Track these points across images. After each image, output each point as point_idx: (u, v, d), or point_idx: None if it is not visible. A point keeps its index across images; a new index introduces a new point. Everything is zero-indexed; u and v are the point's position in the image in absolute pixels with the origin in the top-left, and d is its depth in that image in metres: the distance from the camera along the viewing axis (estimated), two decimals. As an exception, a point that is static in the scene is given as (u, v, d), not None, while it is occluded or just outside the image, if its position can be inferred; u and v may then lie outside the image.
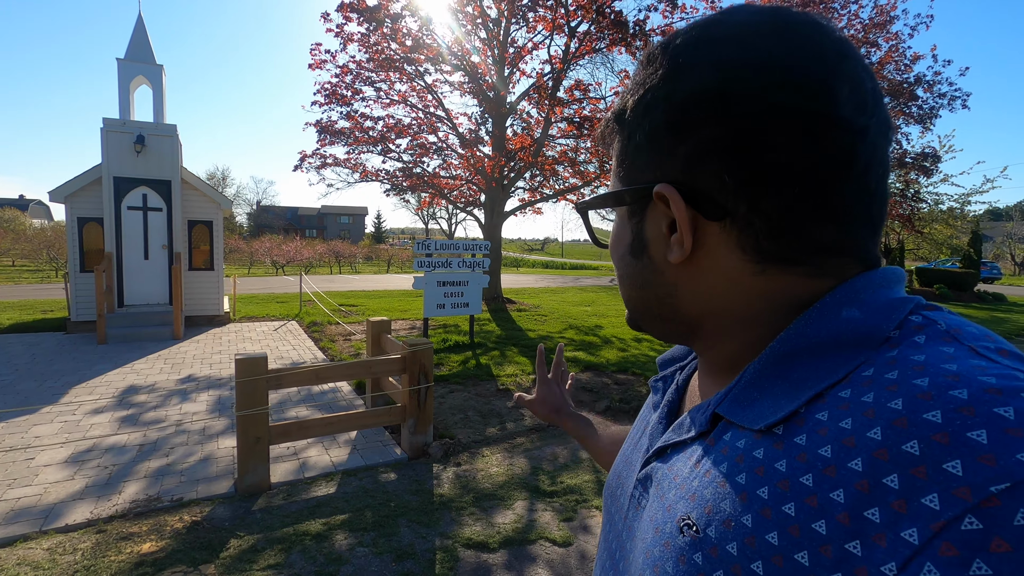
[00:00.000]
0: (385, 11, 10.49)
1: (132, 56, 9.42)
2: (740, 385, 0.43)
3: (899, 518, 0.28)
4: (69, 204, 8.96)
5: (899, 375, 0.33)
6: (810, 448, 0.34)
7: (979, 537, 0.25)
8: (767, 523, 0.34)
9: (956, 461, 0.27)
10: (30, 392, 5.66)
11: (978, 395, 0.29)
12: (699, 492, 0.41)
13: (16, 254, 26.93)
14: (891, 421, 0.30)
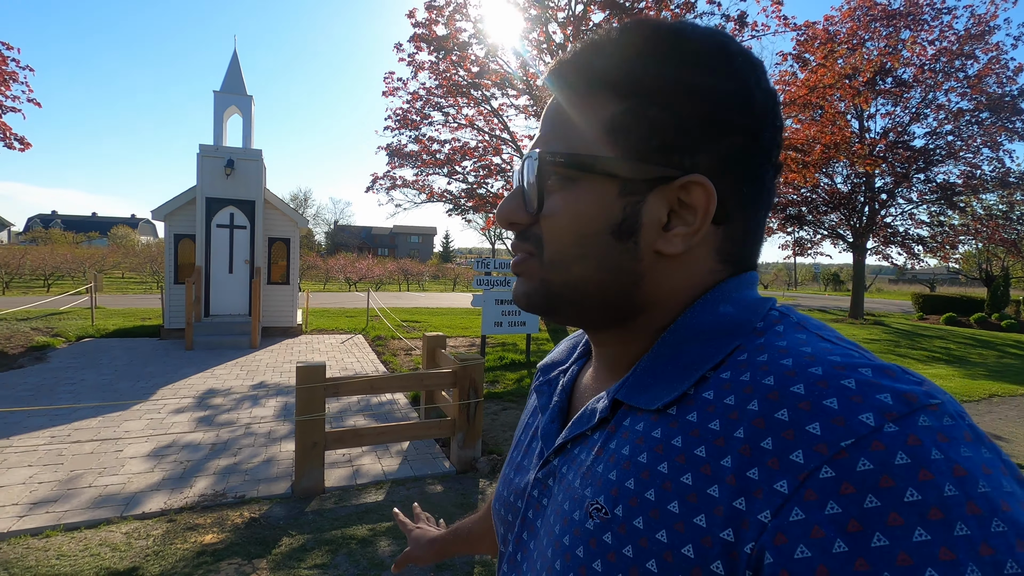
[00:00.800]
0: (454, 40, 10.94)
1: (227, 89, 10.37)
2: (636, 373, 0.46)
3: (773, 473, 0.33)
4: (168, 222, 9.89)
5: (768, 357, 0.39)
6: (701, 424, 0.39)
7: (832, 483, 0.31)
8: (669, 495, 0.38)
9: (816, 423, 0.33)
10: (125, 390, 6.24)
11: (829, 371, 0.35)
12: (604, 477, 0.43)
13: (125, 267, 29.90)
14: (765, 395, 0.36)
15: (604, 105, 0.44)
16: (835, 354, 0.37)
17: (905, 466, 0.30)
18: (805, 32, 11.99)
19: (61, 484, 3.79)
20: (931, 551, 0.28)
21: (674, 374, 0.43)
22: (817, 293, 44.46)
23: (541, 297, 0.49)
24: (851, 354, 0.37)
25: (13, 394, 5.94)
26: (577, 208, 0.45)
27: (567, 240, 0.46)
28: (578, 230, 0.46)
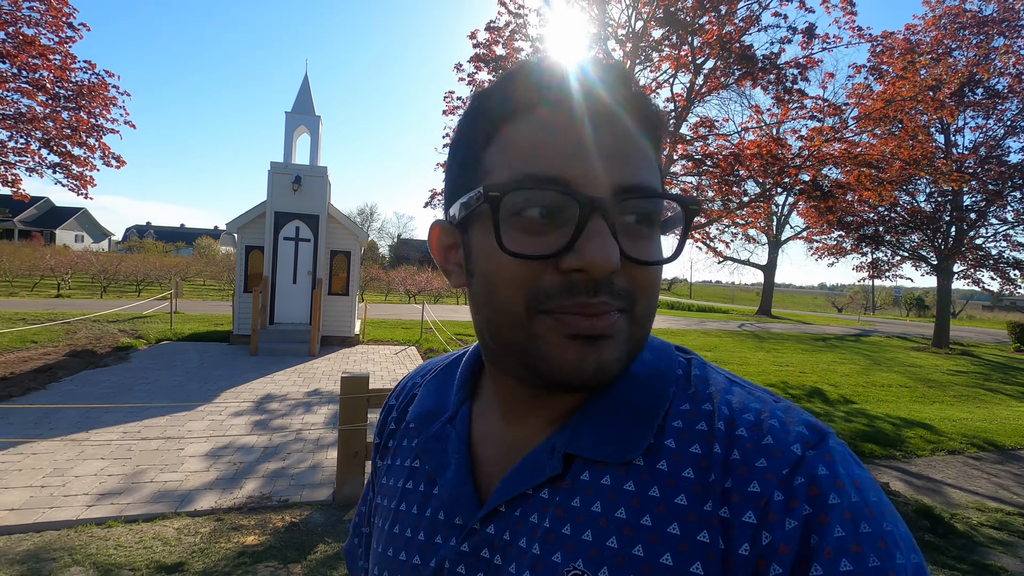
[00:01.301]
0: (511, 59, 11.14)
1: (297, 109, 11.00)
2: (585, 422, 0.44)
3: (740, 507, 0.37)
4: (240, 234, 10.54)
5: (711, 407, 0.43)
6: (674, 473, 0.40)
7: (784, 503, 0.37)
8: (658, 547, 0.38)
9: (762, 459, 0.39)
10: (193, 392, 6.65)
11: (757, 415, 0.42)
12: (576, 539, 0.41)
13: (206, 275, 32.12)
14: (722, 441, 0.40)
15: (654, 154, 0.45)
16: (754, 400, 0.43)
17: (824, 477, 0.37)
18: (882, 43, 11.36)
19: (127, 478, 4.07)
20: (846, 545, 0.35)
21: (630, 424, 0.43)
22: (897, 318, 41.40)
23: (626, 362, 0.43)
24: (764, 398, 0.44)
25: (96, 391, 6.46)
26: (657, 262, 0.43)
27: (656, 291, 0.44)
28: (661, 281, 0.46)
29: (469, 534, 0.46)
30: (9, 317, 11.76)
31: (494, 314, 0.44)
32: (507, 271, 0.42)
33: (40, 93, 9.81)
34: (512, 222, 0.41)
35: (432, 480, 0.51)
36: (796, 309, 47.79)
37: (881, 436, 6.27)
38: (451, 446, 0.51)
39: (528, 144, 0.42)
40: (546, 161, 0.41)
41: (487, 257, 0.43)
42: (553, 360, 0.41)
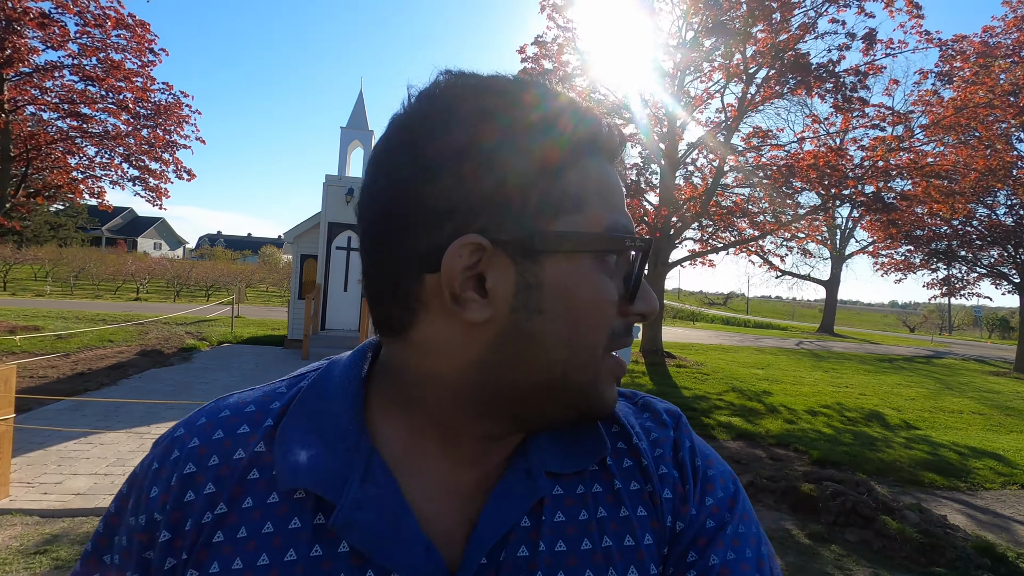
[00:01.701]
0: (558, 73, 11.23)
1: (352, 125, 11.49)
2: (534, 443, 0.45)
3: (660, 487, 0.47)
4: (296, 243, 11.08)
5: (617, 427, 0.49)
6: (619, 466, 0.47)
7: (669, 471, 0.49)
8: (640, 531, 0.44)
9: (662, 466, 0.48)
10: (246, 393, 7.02)
11: (642, 427, 0.51)
12: (575, 550, 0.42)
13: (269, 282, 33.77)
14: (641, 438, 0.49)
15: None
16: (631, 414, 0.51)
17: (688, 448, 0.49)
18: (952, 47, 10.73)
19: (180, 470, 4.34)
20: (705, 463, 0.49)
21: (578, 432, 0.47)
22: (977, 339, 38.41)
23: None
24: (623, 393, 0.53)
25: (161, 388, 6.93)
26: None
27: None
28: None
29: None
30: (92, 318, 12.79)
31: (572, 355, 0.41)
32: (600, 313, 0.41)
33: (124, 112, 10.67)
34: (600, 265, 0.41)
35: (363, 563, 0.39)
36: (862, 327, 45.17)
37: (944, 465, 5.85)
38: (387, 511, 0.40)
39: (612, 187, 0.43)
40: (625, 209, 0.44)
41: (581, 298, 0.40)
42: (606, 398, 0.43)
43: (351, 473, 0.40)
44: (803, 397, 9.52)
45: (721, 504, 0.46)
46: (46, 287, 23.47)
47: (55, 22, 9.46)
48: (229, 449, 0.43)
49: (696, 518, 0.45)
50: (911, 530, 3.76)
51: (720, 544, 0.44)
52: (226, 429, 0.44)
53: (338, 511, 0.39)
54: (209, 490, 0.41)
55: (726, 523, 0.45)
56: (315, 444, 0.42)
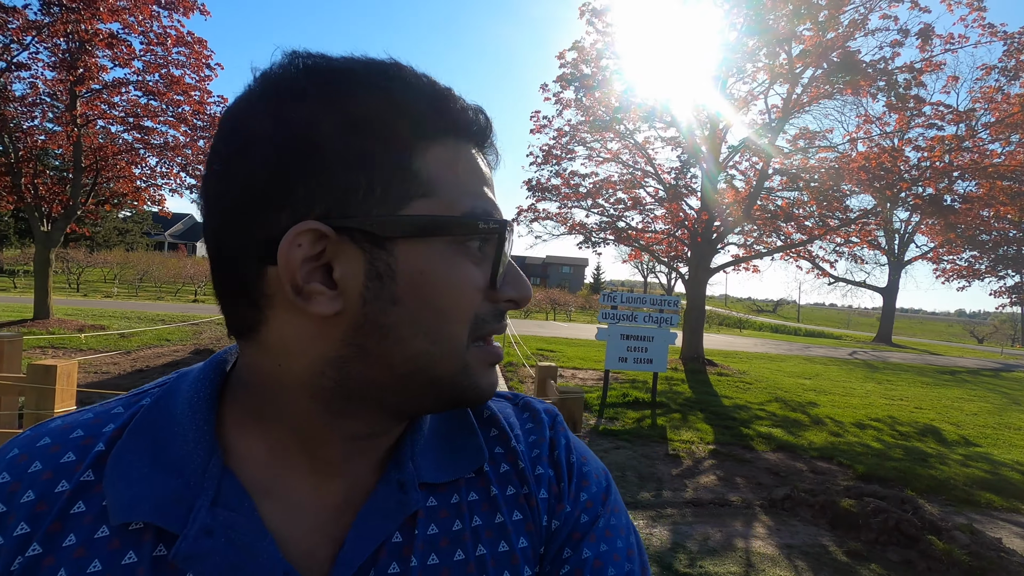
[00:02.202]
0: (597, 78, 11.20)
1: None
2: (416, 451, 0.45)
3: (536, 487, 0.48)
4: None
5: (496, 430, 0.51)
6: (496, 471, 0.48)
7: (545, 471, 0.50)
8: (515, 535, 0.45)
9: (539, 466, 0.50)
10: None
11: (542, 418, 0.54)
12: (449, 562, 0.42)
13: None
14: (519, 440, 0.51)
15: None
16: (506, 417, 0.53)
17: (564, 445, 0.52)
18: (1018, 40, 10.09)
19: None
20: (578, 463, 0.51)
21: (456, 439, 0.48)
22: (1055, 353, 35.71)
23: None
24: (501, 395, 0.55)
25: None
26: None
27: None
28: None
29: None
30: (152, 318, 13.58)
31: (433, 346, 0.39)
32: (461, 300, 0.39)
33: (182, 124, 11.31)
34: (460, 250, 0.39)
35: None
36: (924, 337, 42.77)
37: (1004, 485, 5.48)
38: (242, 538, 0.37)
39: (472, 171, 0.41)
40: (487, 193, 0.42)
41: (437, 285, 0.38)
42: (480, 386, 0.42)
43: (198, 498, 0.37)
44: (852, 409, 9.10)
45: (595, 498, 0.47)
46: (114, 289, 25.06)
47: (122, 41, 10.14)
48: (49, 481, 0.37)
49: (571, 514, 0.46)
50: (960, 552, 3.55)
51: (593, 537, 0.45)
52: (45, 460, 0.38)
53: (181, 541, 0.35)
54: (21, 531, 0.35)
55: (599, 516, 0.46)
56: (155, 469, 0.38)
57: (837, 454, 6.14)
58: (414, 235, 0.38)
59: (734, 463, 5.62)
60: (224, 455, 0.40)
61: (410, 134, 0.39)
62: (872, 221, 11.73)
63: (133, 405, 0.42)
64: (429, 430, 0.47)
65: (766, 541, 3.86)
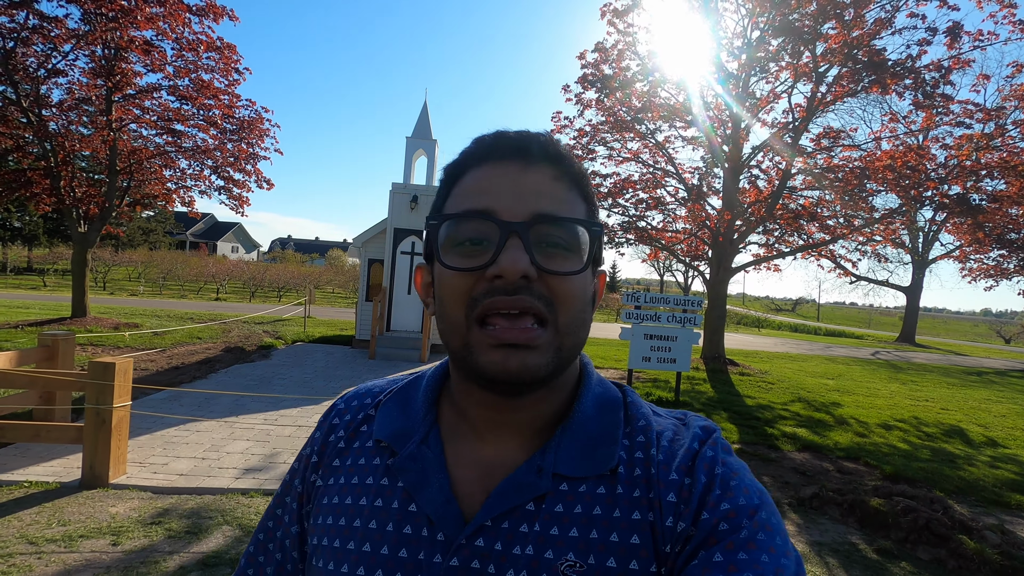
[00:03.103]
0: (618, 77, 11.24)
1: (416, 135, 11.96)
2: (562, 445, 0.54)
3: (664, 491, 0.51)
4: (364, 248, 11.64)
5: (645, 424, 0.57)
6: (629, 475, 0.53)
7: (687, 488, 0.51)
8: (628, 531, 0.49)
9: (673, 473, 0.52)
10: (319, 388, 7.50)
11: (670, 442, 0.55)
12: (564, 537, 0.50)
13: (335, 284, 35.33)
14: (661, 450, 0.54)
15: (578, 200, 0.55)
16: (668, 427, 0.57)
17: (710, 457, 0.52)
18: (1050, 37, 9.91)
19: (265, 458, 4.75)
20: (723, 495, 0.50)
21: (598, 444, 0.54)
22: (1085, 354, 34.76)
23: (553, 367, 0.51)
24: (673, 423, 0.58)
25: (245, 382, 7.52)
26: (584, 276, 0.53)
27: (580, 304, 0.53)
28: (584, 295, 0.53)
29: (456, 550, 0.50)
30: (181, 316, 13.94)
31: (445, 326, 0.53)
32: (450, 285, 0.52)
33: (212, 128, 11.59)
34: (455, 250, 0.52)
35: (408, 498, 0.54)
36: (949, 338, 41.94)
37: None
38: (429, 465, 0.55)
39: (470, 189, 0.53)
40: (479, 199, 0.52)
41: (439, 279, 0.54)
42: (482, 364, 0.50)
43: (414, 436, 0.57)
44: (876, 410, 9.06)
45: (740, 511, 0.48)
46: (139, 287, 25.65)
47: (156, 48, 10.44)
48: (356, 411, 0.64)
49: (708, 521, 0.48)
50: (991, 551, 3.59)
51: (731, 545, 0.46)
52: (359, 399, 0.65)
53: (397, 459, 0.56)
54: (340, 434, 0.62)
55: (741, 528, 0.47)
56: (398, 413, 0.60)
57: (863, 454, 6.16)
58: (428, 254, 0.57)
59: (760, 462, 5.68)
60: (438, 416, 0.60)
61: (447, 186, 0.57)
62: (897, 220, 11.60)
63: (398, 381, 0.67)
64: (581, 429, 0.55)
65: (796, 539, 3.93)
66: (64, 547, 3.03)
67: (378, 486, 0.56)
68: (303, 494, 0.61)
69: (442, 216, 0.53)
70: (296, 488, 0.62)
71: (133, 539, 3.18)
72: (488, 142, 0.55)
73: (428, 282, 0.58)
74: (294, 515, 0.62)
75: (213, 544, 3.20)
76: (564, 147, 0.55)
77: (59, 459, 4.36)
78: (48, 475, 4.06)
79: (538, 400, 0.55)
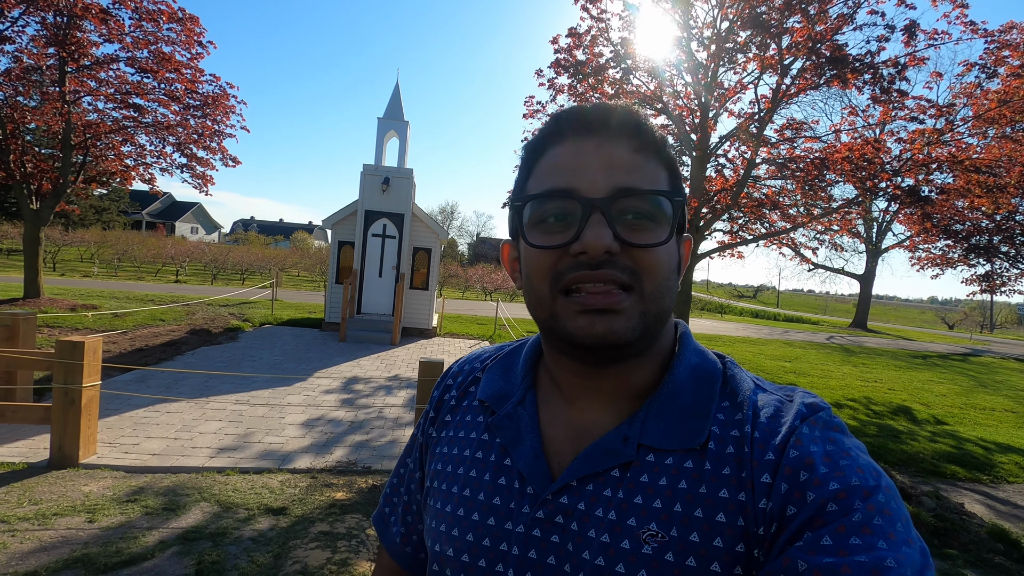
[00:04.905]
0: (591, 64, 11.32)
1: (388, 115, 11.80)
2: (650, 416, 0.54)
3: (759, 471, 0.48)
4: (334, 230, 11.49)
5: (741, 415, 0.53)
6: (720, 451, 0.51)
7: (784, 464, 0.48)
8: (712, 508, 0.48)
9: (769, 453, 0.49)
10: (290, 370, 7.45)
11: (769, 419, 0.51)
12: (648, 507, 0.50)
13: (301, 267, 34.64)
14: (757, 427, 0.51)
15: (660, 169, 0.54)
16: (770, 403, 0.53)
17: (810, 436, 0.48)
18: (998, 38, 10.44)
19: (239, 437, 4.75)
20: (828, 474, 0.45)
21: (688, 417, 0.53)
22: (1020, 338, 37.11)
23: (640, 332, 0.51)
24: (779, 399, 0.54)
25: (212, 363, 7.41)
26: (669, 245, 0.53)
27: (664, 273, 0.52)
28: (669, 264, 0.53)
29: (543, 503, 0.53)
30: (141, 298, 13.51)
31: (532, 299, 0.55)
32: (535, 262, 0.53)
33: (174, 103, 11.18)
34: (539, 228, 0.53)
35: (504, 452, 0.59)
36: (898, 323, 44.01)
37: (969, 459, 5.92)
38: (523, 424, 0.59)
39: (551, 167, 0.54)
40: (560, 177, 0.53)
41: (525, 256, 0.55)
42: (569, 330, 0.51)
43: (512, 397, 0.62)
44: (830, 390, 9.56)
45: (852, 492, 0.44)
46: (93, 269, 24.64)
47: (112, 16, 9.97)
48: (467, 374, 0.71)
49: (815, 501, 0.44)
50: (927, 515, 3.91)
51: (843, 528, 0.42)
52: (470, 363, 0.73)
53: (494, 417, 0.62)
54: (452, 394, 0.70)
55: (854, 510, 0.43)
56: (500, 377, 0.66)
57: (816, 431, 6.52)
58: (514, 232, 0.59)
59: (722, 438, 5.96)
60: (535, 380, 0.64)
61: (528, 163, 0.58)
62: (854, 210, 12.13)
63: (504, 348, 0.73)
64: (672, 401, 0.54)
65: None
66: (38, 525, 3.01)
67: (480, 440, 0.62)
68: (424, 444, 0.70)
69: (525, 196, 0.55)
70: (418, 439, 0.71)
71: (109, 516, 3.17)
72: (566, 118, 0.55)
73: (515, 257, 0.60)
74: (417, 462, 0.70)
75: (192, 520, 3.22)
76: (644, 116, 0.55)
77: (24, 440, 4.27)
78: (13, 455, 3.98)
79: (628, 368, 0.55)
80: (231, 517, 3.29)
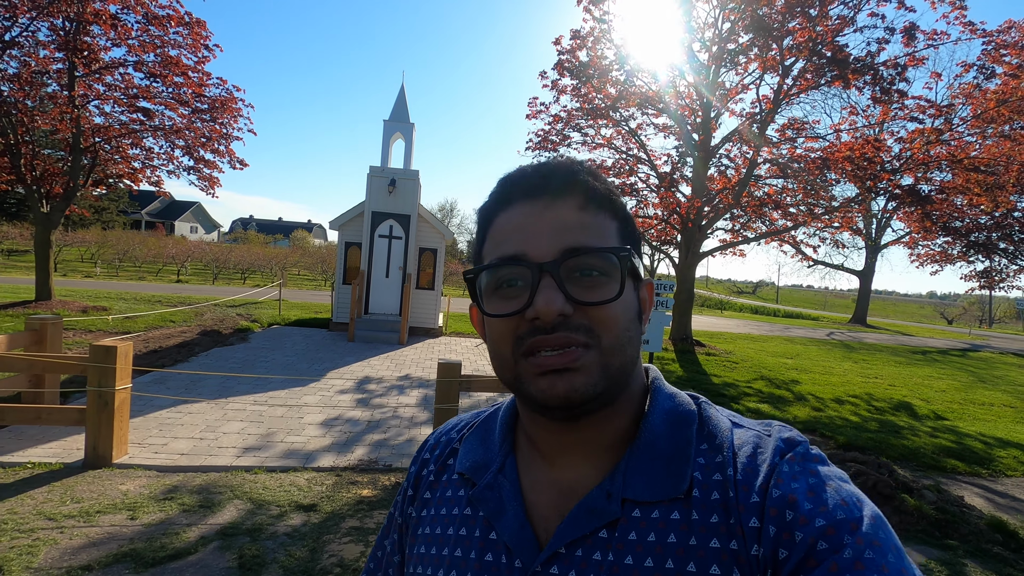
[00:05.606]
0: (594, 65, 11.45)
1: (394, 118, 11.93)
2: (631, 468, 0.53)
3: (746, 516, 0.48)
4: (341, 231, 11.63)
5: (721, 441, 0.53)
6: (706, 498, 0.50)
7: (760, 505, 0.48)
8: (705, 561, 0.47)
9: (754, 496, 0.48)
10: (303, 370, 7.60)
11: (749, 458, 0.51)
12: (639, 566, 0.48)
13: (301, 266, 34.72)
14: (739, 469, 0.51)
15: (608, 221, 0.55)
16: (748, 441, 0.53)
17: (791, 472, 0.48)
18: (996, 38, 10.58)
19: (262, 437, 4.90)
20: (814, 509, 0.45)
21: (668, 464, 0.52)
22: (1019, 333, 37.32)
23: (602, 387, 0.51)
24: (756, 434, 0.54)
25: (227, 365, 7.55)
26: (624, 296, 0.52)
27: (623, 324, 0.52)
28: (627, 314, 0.53)
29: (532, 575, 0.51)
30: (148, 299, 13.65)
31: (497, 362, 0.55)
32: (496, 328, 0.53)
33: (181, 106, 11.29)
34: (496, 294, 0.54)
35: (488, 526, 0.56)
36: (897, 319, 44.25)
37: (968, 453, 6.08)
38: (505, 493, 0.57)
39: (501, 233, 0.55)
40: (509, 244, 0.53)
41: (487, 322, 0.55)
42: (532, 392, 0.51)
43: (492, 466, 0.60)
44: (831, 387, 9.72)
45: (839, 526, 0.44)
46: (95, 269, 24.74)
47: (121, 21, 10.07)
48: (444, 446, 0.68)
49: (804, 541, 0.44)
50: (928, 507, 4.07)
51: (835, 567, 0.42)
52: (447, 434, 0.70)
53: (475, 489, 0.59)
54: (430, 468, 0.67)
55: (844, 546, 0.43)
56: (478, 446, 0.64)
57: (819, 426, 6.69)
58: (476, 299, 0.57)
59: (728, 435, 6.12)
60: (513, 446, 0.62)
61: (482, 231, 0.58)
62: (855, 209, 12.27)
63: (480, 415, 0.70)
64: (649, 449, 0.53)
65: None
66: (84, 522, 3.16)
67: (462, 516, 0.59)
68: (403, 525, 0.66)
69: (477, 268, 0.56)
70: (397, 520, 0.68)
71: (149, 513, 3.32)
72: (511, 182, 0.56)
73: (481, 319, 0.59)
74: (395, 545, 0.67)
75: (227, 516, 3.37)
76: (588, 169, 0.56)
77: (56, 441, 4.42)
78: (50, 456, 4.13)
79: (600, 420, 0.54)
80: (264, 514, 3.44)
